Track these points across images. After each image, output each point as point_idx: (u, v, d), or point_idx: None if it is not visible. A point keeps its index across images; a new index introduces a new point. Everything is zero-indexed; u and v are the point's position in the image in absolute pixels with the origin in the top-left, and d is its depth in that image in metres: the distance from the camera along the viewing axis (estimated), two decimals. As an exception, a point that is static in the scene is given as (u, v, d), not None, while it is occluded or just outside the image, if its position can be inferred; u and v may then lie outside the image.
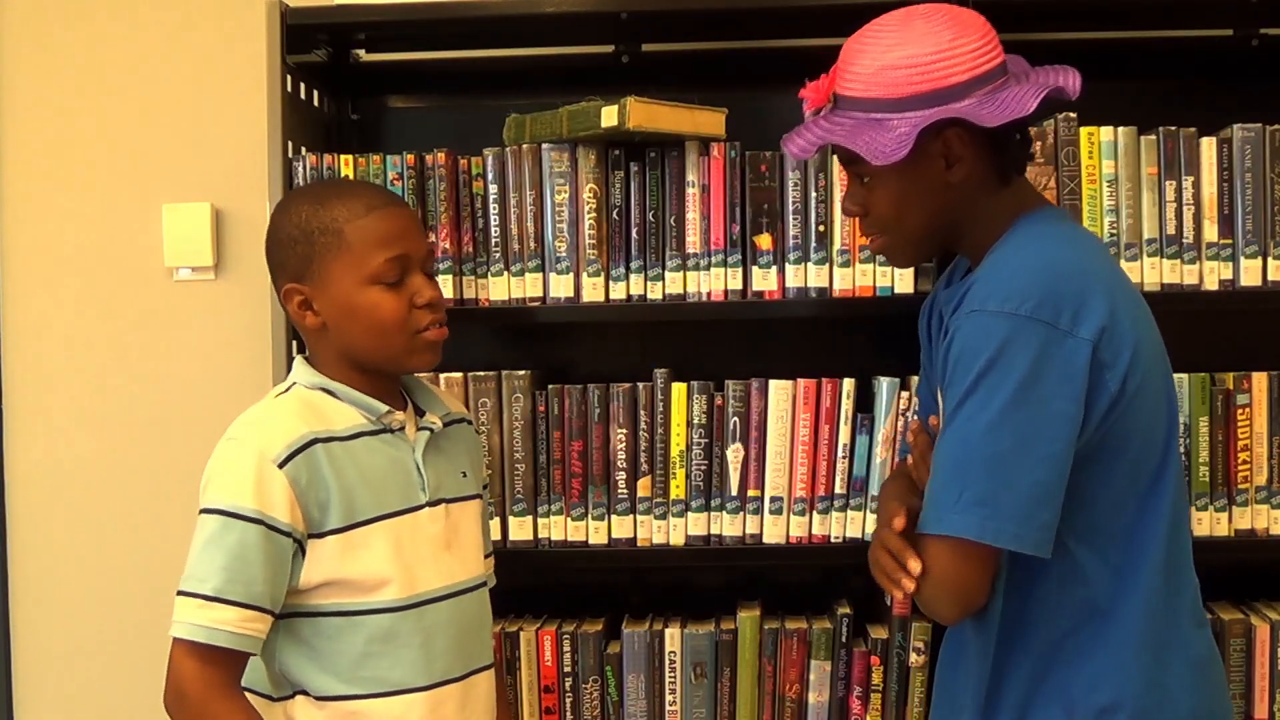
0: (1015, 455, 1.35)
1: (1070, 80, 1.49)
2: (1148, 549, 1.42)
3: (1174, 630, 1.44)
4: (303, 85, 2.07)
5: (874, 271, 1.95)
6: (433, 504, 1.58)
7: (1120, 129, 1.91)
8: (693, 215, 1.96)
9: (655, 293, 1.97)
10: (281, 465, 1.46)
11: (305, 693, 1.52)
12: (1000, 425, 1.35)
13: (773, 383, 1.97)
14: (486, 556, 1.76)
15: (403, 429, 1.58)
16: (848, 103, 1.50)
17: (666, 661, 2.01)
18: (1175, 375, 1.53)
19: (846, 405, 1.95)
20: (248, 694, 1.52)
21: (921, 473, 1.54)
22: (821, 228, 1.95)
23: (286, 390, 1.58)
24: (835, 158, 1.91)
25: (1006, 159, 1.51)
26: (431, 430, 1.61)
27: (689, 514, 1.97)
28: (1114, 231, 1.91)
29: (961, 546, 1.37)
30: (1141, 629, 1.41)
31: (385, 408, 1.56)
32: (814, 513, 1.97)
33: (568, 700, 2.03)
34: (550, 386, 2.00)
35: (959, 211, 1.51)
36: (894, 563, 1.42)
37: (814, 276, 1.95)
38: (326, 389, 1.55)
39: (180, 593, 1.45)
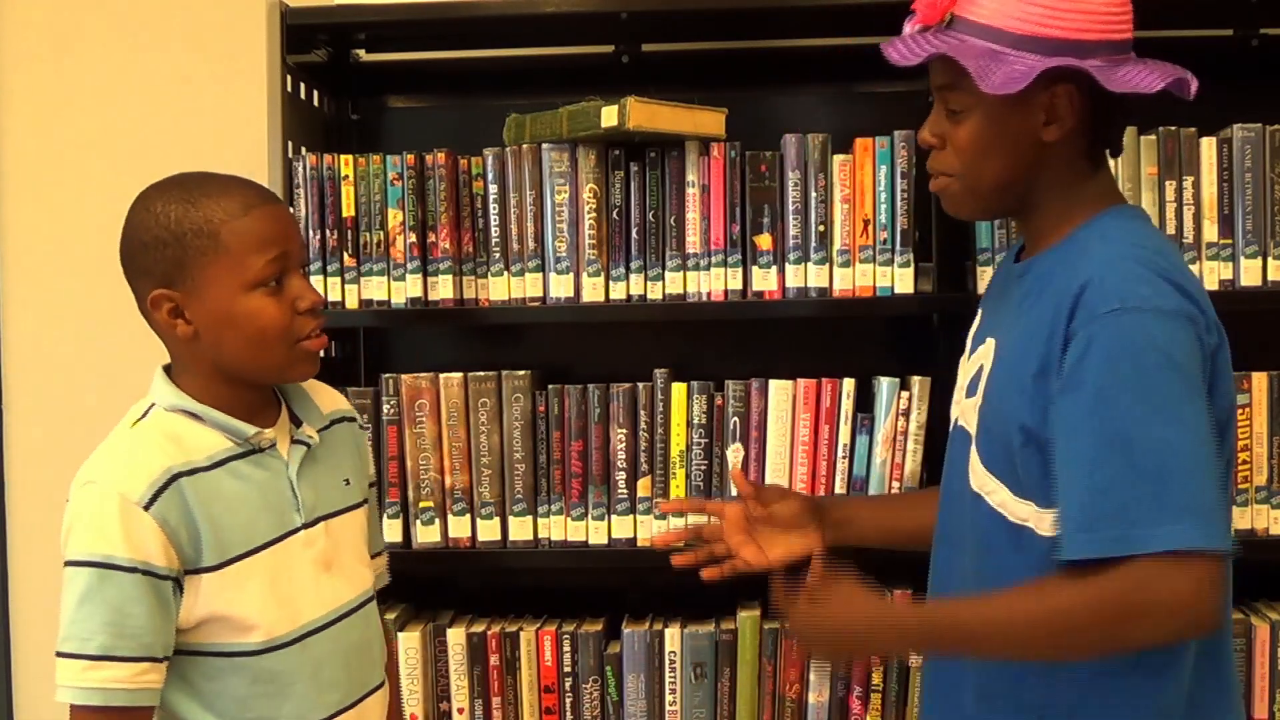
0: (1201, 452, 1.28)
1: (1189, 81, 1.42)
2: None
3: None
4: (303, 85, 2.07)
5: (874, 271, 1.94)
6: (310, 524, 1.48)
7: (1120, 129, 1.91)
8: (693, 215, 1.96)
9: (655, 293, 1.97)
10: (147, 507, 1.36)
11: None
12: (1183, 424, 1.28)
13: (773, 383, 1.97)
14: (376, 555, 1.66)
15: (274, 446, 1.47)
16: (965, 26, 1.41)
17: (666, 661, 2.01)
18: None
19: (846, 405, 1.95)
20: None
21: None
22: (821, 228, 1.95)
23: (144, 416, 1.46)
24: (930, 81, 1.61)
25: (1106, 136, 1.45)
26: (308, 445, 1.50)
27: (689, 514, 1.98)
28: (1114, 231, 1.91)
29: (1182, 562, 1.25)
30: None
31: (252, 429, 1.45)
32: (814, 513, 1.97)
33: (568, 700, 2.03)
34: (550, 386, 2.00)
35: (1040, 178, 1.44)
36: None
37: (814, 276, 1.95)
38: (189, 411, 1.44)
39: (60, 654, 1.35)
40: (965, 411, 1.50)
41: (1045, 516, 1.36)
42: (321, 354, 1.52)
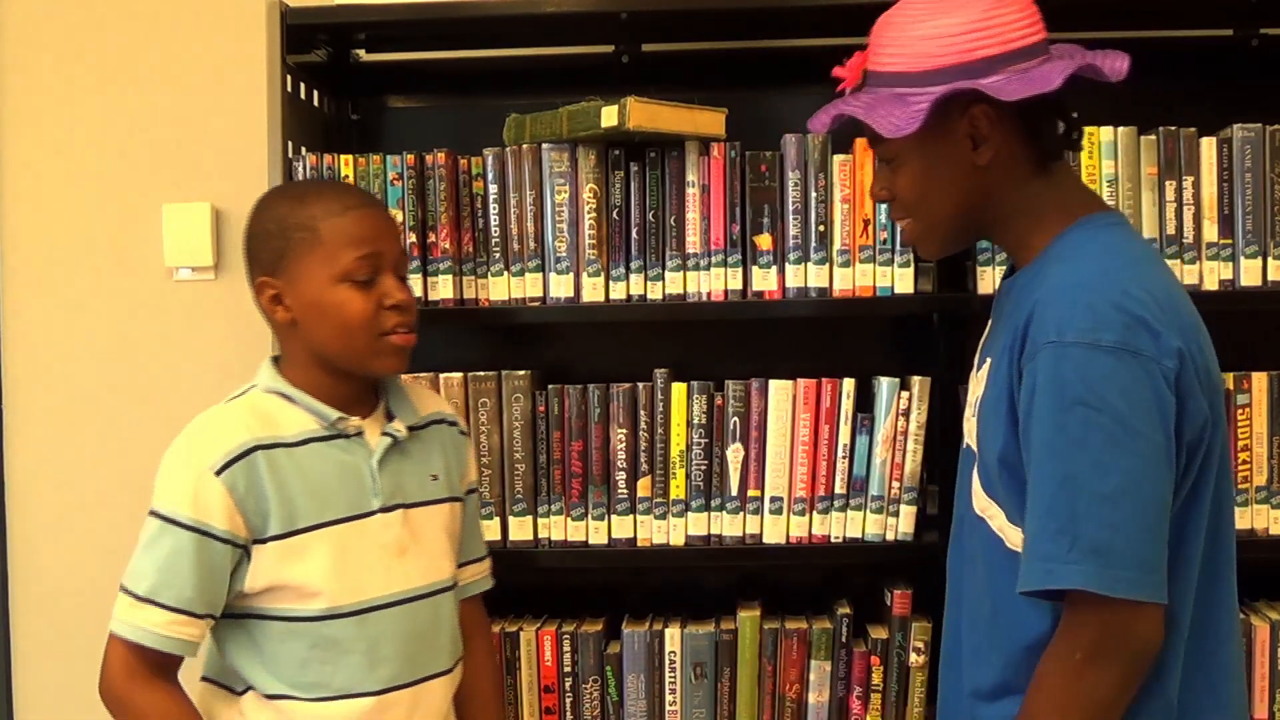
0: (1124, 497, 1.27)
1: (1112, 62, 1.41)
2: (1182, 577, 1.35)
3: (1211, 656, 1.40)
4: (303, 85, 2.07)
5: (874, 271, 1.95)
6: (387, 509, 1.57)
7: (1120, 129, 1.91)
8: (693, 215, 1.96)
9: (655, 293, 1.97)
10: (219, 473, 1.48)
11: (254, 689, 1.54)
12: (1103, 465, 1.27)
13: (773, 383, 1.97)
14: (475, 561, 1.75)
15: (360, 434, 1.57)
16: (876, 78, 1.44)
17: (666, 661, 2.01)
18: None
19: (846, 405, 1.95)
20: (212, 685, 1.57)
21: None
22: (821, 228, 1.95)
23: (242, 394, 1.59)
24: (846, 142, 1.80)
25: (1044, 143, 1.43)
26: (395, 438, 1.59)
27: (689, 514, 1.98)
28: (1114, 231, 1.91)
29: (1085, 600, 1.28)
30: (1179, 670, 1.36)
31: (337, 414, 1.55)
32: (814, 513, 1.97)
33: (568, 700, 2.03)
34: (550, 386, 2.00)
35: (993, 200, 1.43)
36: None
37: (814, 276, 1.95)
38: (284, 393, 1.56)
39: (121, 587, 1.50)
40: (970, 431, 1.50)
41: None
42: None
